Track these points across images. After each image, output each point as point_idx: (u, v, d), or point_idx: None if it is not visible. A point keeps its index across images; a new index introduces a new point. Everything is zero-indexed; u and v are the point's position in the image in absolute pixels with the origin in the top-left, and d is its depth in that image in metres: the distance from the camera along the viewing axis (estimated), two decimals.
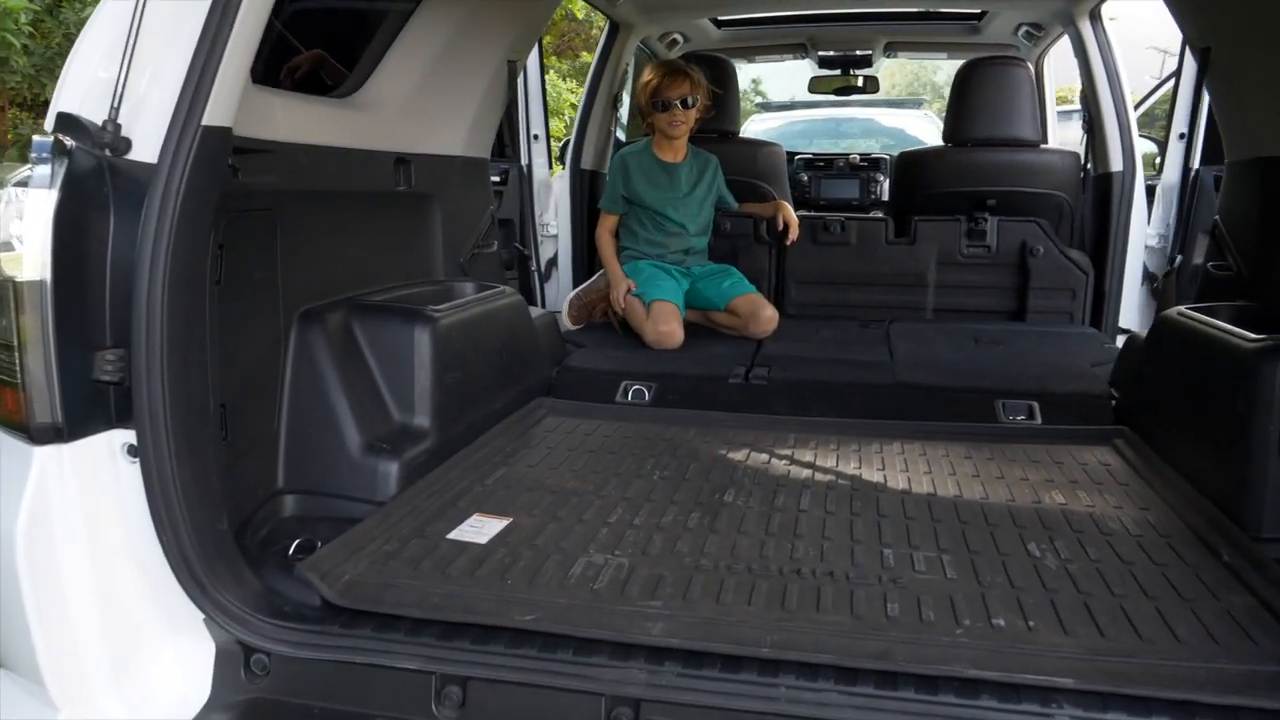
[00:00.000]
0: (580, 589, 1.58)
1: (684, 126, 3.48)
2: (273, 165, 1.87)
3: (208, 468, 1.49)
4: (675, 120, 3.44)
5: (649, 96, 3.46)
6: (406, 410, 2.09)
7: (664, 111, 3.43)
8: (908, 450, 2.35)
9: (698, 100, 3.47)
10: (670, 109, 3.42)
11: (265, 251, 1.87)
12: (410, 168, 2.43)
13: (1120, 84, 3.53)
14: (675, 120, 3.44)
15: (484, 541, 1.77)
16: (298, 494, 1.94)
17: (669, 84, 3.42)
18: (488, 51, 2.69)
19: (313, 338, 1.98)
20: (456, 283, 2.62)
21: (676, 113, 3.43)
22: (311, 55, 2.56)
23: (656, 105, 3.44)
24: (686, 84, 3.43)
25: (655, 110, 3.46)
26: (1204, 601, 1.55)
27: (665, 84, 3.42)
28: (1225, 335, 1.94)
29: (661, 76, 3.44)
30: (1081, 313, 3.56)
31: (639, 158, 3.55)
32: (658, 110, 3.45)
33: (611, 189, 3.57)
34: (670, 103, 3.42)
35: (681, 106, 3.43)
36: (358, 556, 1.67)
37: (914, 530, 1.85)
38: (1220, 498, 1.87)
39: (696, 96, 3.46)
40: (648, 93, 3.47)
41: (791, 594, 1.57)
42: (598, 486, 2.07)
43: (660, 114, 3.45)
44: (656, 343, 3.17)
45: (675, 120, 3.44)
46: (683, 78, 3.43)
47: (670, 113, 3.43)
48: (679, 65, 3.51)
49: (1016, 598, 1.56)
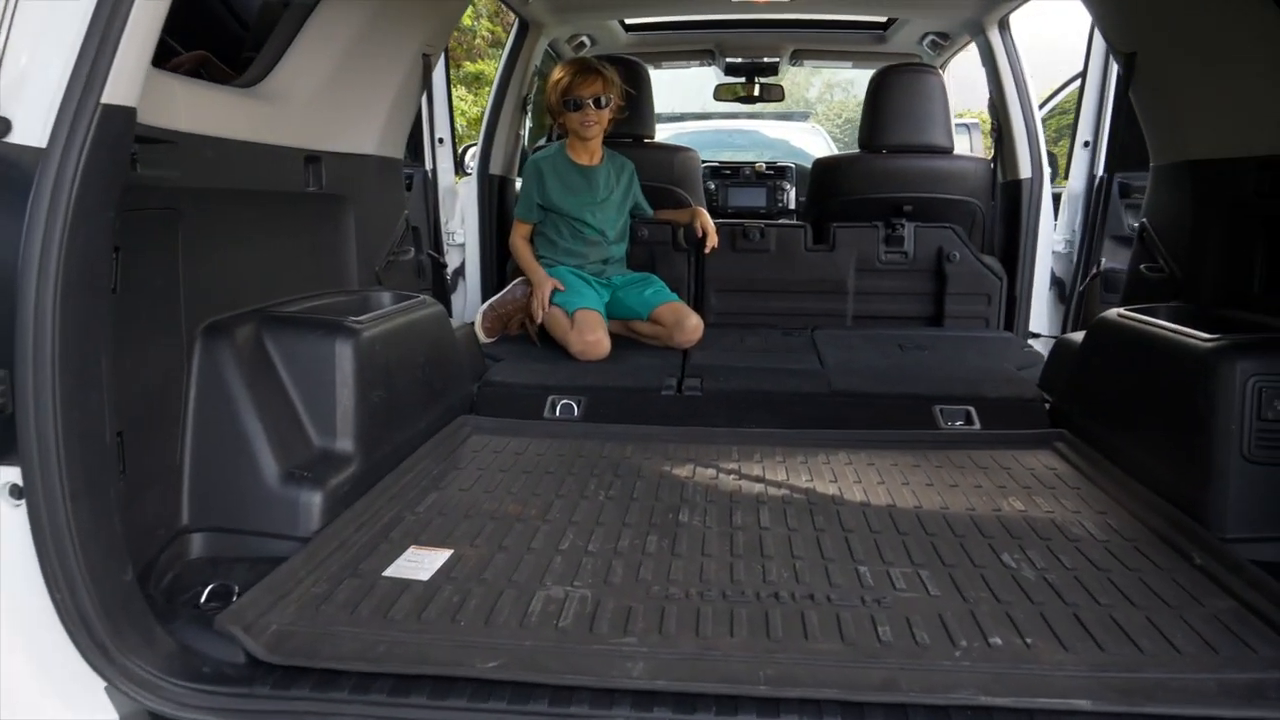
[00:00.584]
0: (544, 628, 1.43)
1: (597, 127, 3.35)
2: (174, 158, 1.64)
3: (109, 509, 1.27)
4: (588, 120, 3.31)
5: (560, 95, 3.32)
6: (328, 433, 1.89)
7: (576, 110, 3.30)
8: (854, 460, 2.28)
9: (610, 100, 3.34)
10: (583, 108, 3.29)
11: (165, 256, 1.64)
12: (321, 166, 2.22)
13: (1028, 92, 3.60)
14: (588, 120, 3.31)
15: (426, 578, 1.59)
16: (206, 532, 1.71)
17: (581, 82, 3.30)
18: (402, 44, 2.50)
19: (220, 354, 1.76)
20: (373, 292, 2.41)
21: (589, 112, 3.30)
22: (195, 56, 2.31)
23: (568, 104, 3.31)
24: (599, 82, 3.31)
25: (566, 109, 3.32)
26: (1190, 608, 1.51)
27: (577, 82, 3.29)
28: (1178, 336, 1.94)
29: (573, 74, 3.31)
30: (997, 317, 3.59)
31: (553, 162, 3.40)
32: (569, 109, 3.31)
33: (526, 196, 3.41)
34: (582, 101, 3.29)
35: (594, 105, 3.30)
36: (284, 602, 1.47)
37: (883, 545, 1.76)
38: (1180, 499, 1.85)
39: (610, 96, 3.34)
40: (558, 91, 3.33)
41: (775, 621, 1.45)
42: (541, 510, 1.91)
43: (572, 113, 3.31)
44: (583, 353, 3.03)
45: (588, 120, 3.31)
46: (595, 76, 3.31)
47: (583, 112, 3.30)
48: (591, 63, 3.39)
49: (1006, 613, 1.48)
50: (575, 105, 3.29)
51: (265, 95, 2.05)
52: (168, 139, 1.60)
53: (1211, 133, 2.21)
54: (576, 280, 3.29)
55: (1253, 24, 1.97)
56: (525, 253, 3.40)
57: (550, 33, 4.03)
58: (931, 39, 4.23)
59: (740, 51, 4.75)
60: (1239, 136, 2.11)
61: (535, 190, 3.37)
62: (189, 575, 1.63)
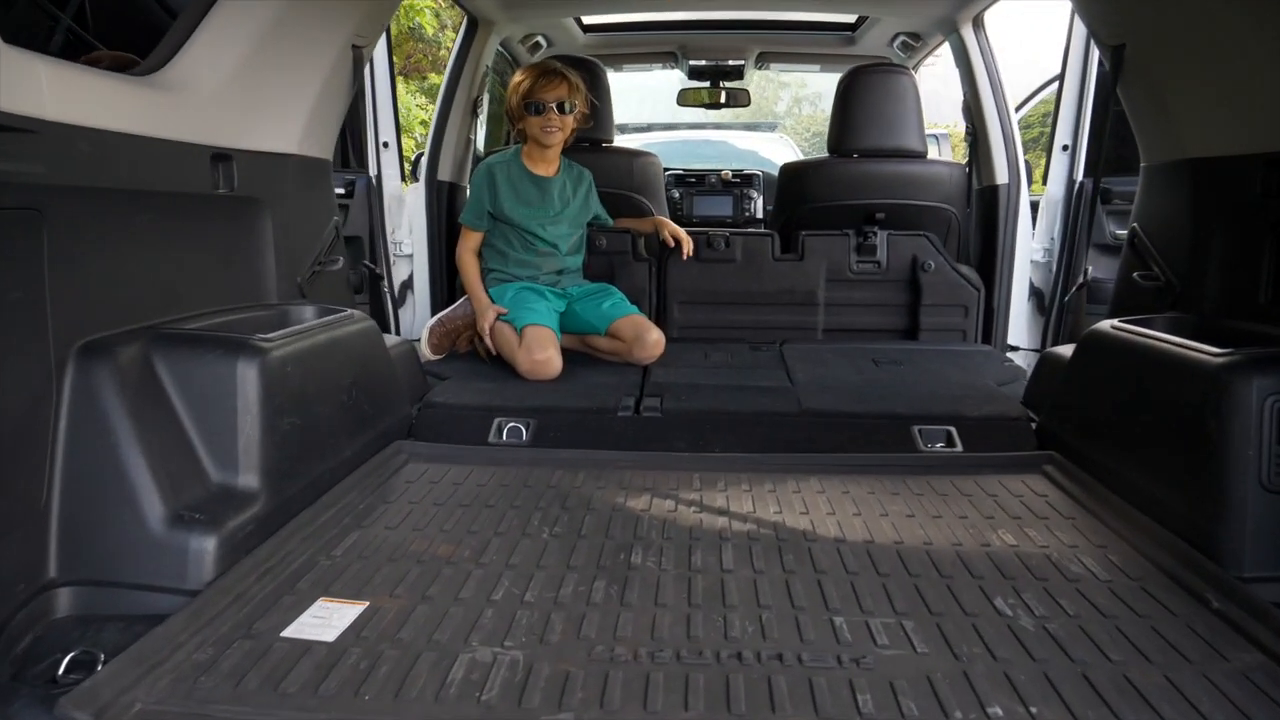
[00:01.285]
0: (464, 701, 1.20)
1: (559, 134, 3.13)
2: (37, 150, 1.41)
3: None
4: (550, 126, 3.09)
5: (521, 97, 3.10)
6: (228, 467, 1.65)
7: (537, 115, 3.09)
8: (828, 487, 2.07)
9: (575, 106, 3.14)
10: (545, 112, 3.08)
11: (26, 264, 1.40)
12: (232, 165, 1.98)
13: (1004, 94, 3.44)
14: (550, 126, 3.09)
15: (332, 639, 1.36)
16: (77, 586, 1.46)
17: (544, 85, 3.09)
18: (328, 32, 2.27)
19: (98, 378, 1.52)
20: (294, 306, 2.17)
21: (552, 117, 3.09)
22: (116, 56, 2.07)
23: (529, 107, 3.09)
24: (564, 87, 3.11)
25: (527, 113, 3.10)
26: (1212, 663, 1.31)
27: (540, 85, 3.09)
28: (1184, 350, 1.75)
29: (535, 77, 3.10)
30: (974, 330, 3.42)
31: (507, 169, 3.17)
32: (530, 113, 3.10)
33: (475, 203, 3.18)
34: (545, 105, 3.08)
35: (557, 110, 3.09)
36: (156, 674, 1.23)
37: (861, 589, 1.55)
38: (1190, 532, 1.66)
39: (574, 102, 3.13)
40: (520, 93, 3.11)
41: (737, 688, 1.23)
42: (475, 552, 1.69)
43: (533, 117, 3.09)
44: (531, 373, 2.81)
45: (550, 126, 3.09)
46: (559, 79, 3.10)
47: (545, 116, 3.08)
48: (555, 66, 3.17)
49: (1004, 673, 1.28)
50: (537, 109, 3.08)
51: (163, 85, 1.81)
52: (25, 127, 1.37)
53: (1211, 129, 2.03)
54: (527, 293, 3.07)
55: (1256, 8, 1.80)
56: (471, 270, 3.17)
57: (502, 31, 3.81)
58: (903, 40, 4.07)
59: (704, 54, 4.57)
60: (1243, 132, 1.93)
61: (486, 196, 3.15)
62: (51, 639, 1.38)
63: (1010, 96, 3.49)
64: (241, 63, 1.98)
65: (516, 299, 3.05)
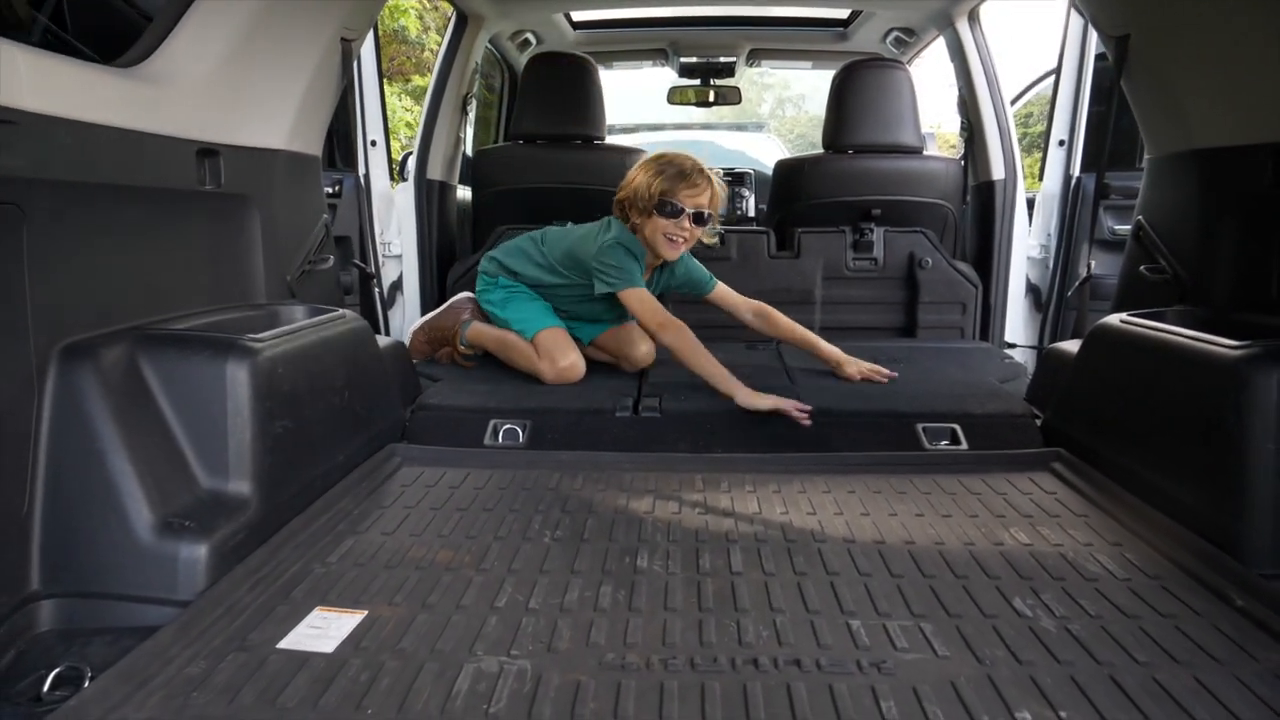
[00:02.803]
0: (471, 714, 1.15)
1: (685, 247, 2.70)
2: (16, 143, 1.35)
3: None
4: (679, 236, 2.65)
5: (656, 193, 2.62)
6: (218, 473, 1.59)
7: (671, 218, 2.63)
8: (834, 487, 2.03)
9: (711, 219, 2.70)
10: (679, 217, 2.63)
11: (4, 262, 1.34)
12: (219, 161, 1.92)
13: (999, 88, 3.41)
14: (679, 236, 2.65)
15: (330, 650, 1.30)
16: (61, 598, 1.40)
17: (687, 188, 2.62)
18: (316, 24, 2.20)
19: (82, 380, 1.46)
20: (284, 306, 2.11)
21: (685, 226, 2.64)
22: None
23: (664, 208, 2.62)
24: (708, 193, 2.66)
25: (657, 213, 2.64)
26: (1242, 664, 1.27)
27: (682, 187, 2.62)
28: (1199, 343, 1.71)
29: (678, 174, 2.63)
30: (972, 327, 3.38)
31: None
32: (661, 214, 2.63)
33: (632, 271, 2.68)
34: (681, 210, 2.62)
35: (694, 222, 2.66)
36: (145, 690, 1.17)
37: (875, 591, 1.50)
38: (1208, 529, 1.62)
39: (713, 213, 2.69)
40: (654, 188, 2.62)
41: (755, 697, 1.19)
42: (476, 557, 1.63)
43: (663, 220, 2.64)
44: (558, 380, 2.71)
45: (679, 236, 2.65)
46: (705, 184, 2.66)
47: (678, 222, 2.63)
48: (701, 167, 2.69)
49: (1030, 676, 1.24)
50: (673, 212, 2.62)
51: (147, 77, 1.75)
52: (4, 118, 1.31)
53: (1220, 119, 2.00)
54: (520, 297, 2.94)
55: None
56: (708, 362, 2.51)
57: (491, 27, 3.76)
58: (896, 35, 4.03)
59: (695, 51, 4.52)
60: (1252, 121, 1.90)
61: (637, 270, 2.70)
62: (35, 654, 1.32)
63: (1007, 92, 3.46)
64: (228, 54, 1.92)
65: (517, 301, 2.91)
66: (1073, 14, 3.32)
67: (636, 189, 2.67)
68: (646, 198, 2.64)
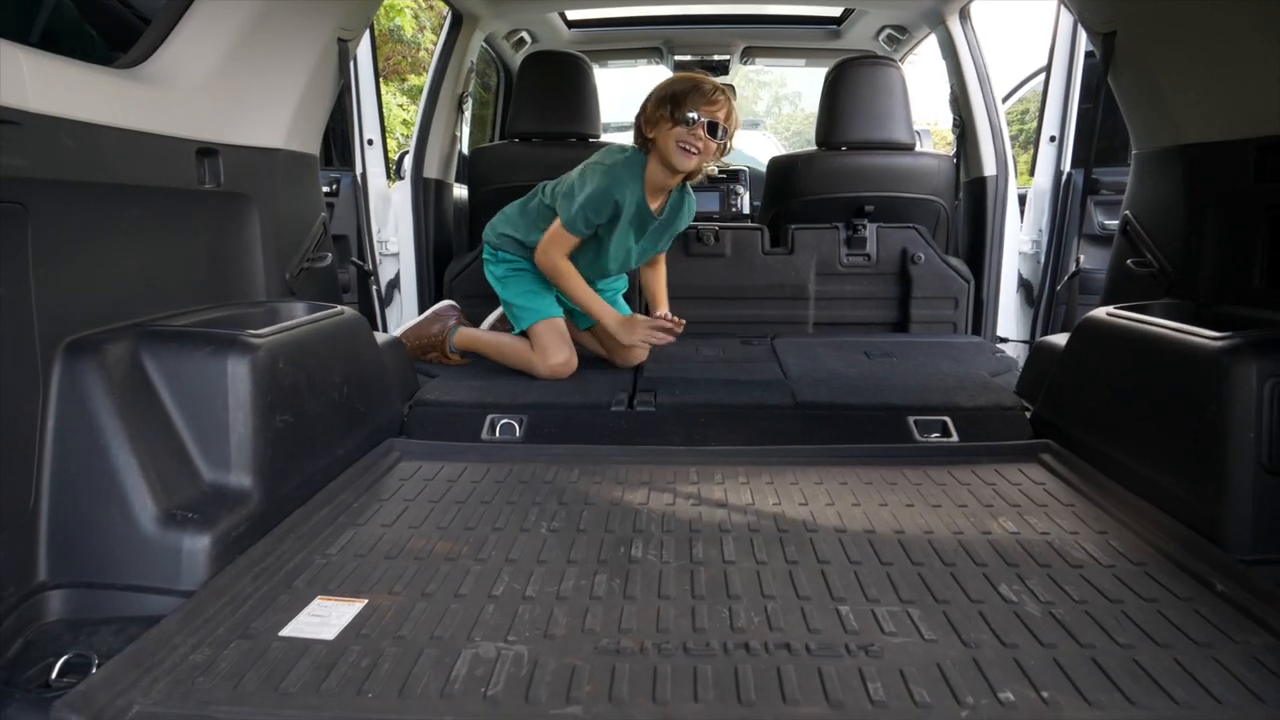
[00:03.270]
0: (469, 697, 1.18)
1: (699, 159, 2.61)
2: (20, 143, 1.38)
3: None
4: (694, 144, 2.57)
5: (668, 103, 2.58)
6: (220, 466, 1.62)
7: (685, 126, 2.56)
8: (826, 479, 2.06)
9: (727, 133, 2.62)
10: (693, 126, 2.55)
11: (9, 261, 1.37)
12: (218, 160, 1.95)
13: (990, 85, 3.44)
14: (694, 144, 2.57)
15: (332, 637, 1.33)
16: (68, 588, 1.43)
17: (700, 97, 2.57)
18: (314, 25, 2.23)
19: (85, 376, 1.49)
20: (283, 303, 2.14)
21: (699, 136, 2.56)
22: None
23: (677, 117, 2.56)
24: (726, 108, 2.61)
25: (673, 121, 2.57)
26: (1221, 646, 1.31)
27: (696, 96, 2.57)
28: (1183, 335, 1.75)
29: (694, 85, 2.59)
30: (964, 321, 3.42)
31: (637, 197, 2.70)
32: (676, 122, 2.56)
33: (593, 209, 2.66)
34: (695, 120, 2.55)
35: (709, 133, 2.57)
36: (151, 676, 1.20)
37: (865, 578, 1.54)
38: (1191, 516, 1.66)
39: (730, 128, 2.62)
40: (668, 98, 2.59)
41: (746, 679, 1.22)
42: (474, 548, 1.67)
43: (677, 128, 2.57)
44: (552, 376, 2.73)
45: (694, 144, 2.57)
46: (723, 99, 2.60)
47: (693, 130, 2.55)
48: (718, 83, 2.65)
49: (1014, 659, 1.27)
50: (688, 122, 2.56)
51: (147, 78, 1.78)
52: (8, 119, 1.34)
53: (1204, 115, 2.03)
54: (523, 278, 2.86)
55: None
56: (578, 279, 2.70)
57: (486, 27, 3.79)
58: (888, 33, 4.07)
59: (689, 49, 4.55)
60: (1236, 117, 1.93)
61: (606, 211, 2.68)
62: (43, 643, 1.35)
63: (998, 89, 3.49)
64: (227, 55, 1.94)
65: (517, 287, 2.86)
66: (1063, 12, 3.35)
67: (653, 96, 2.64)
68: (665, 105, 2.59)
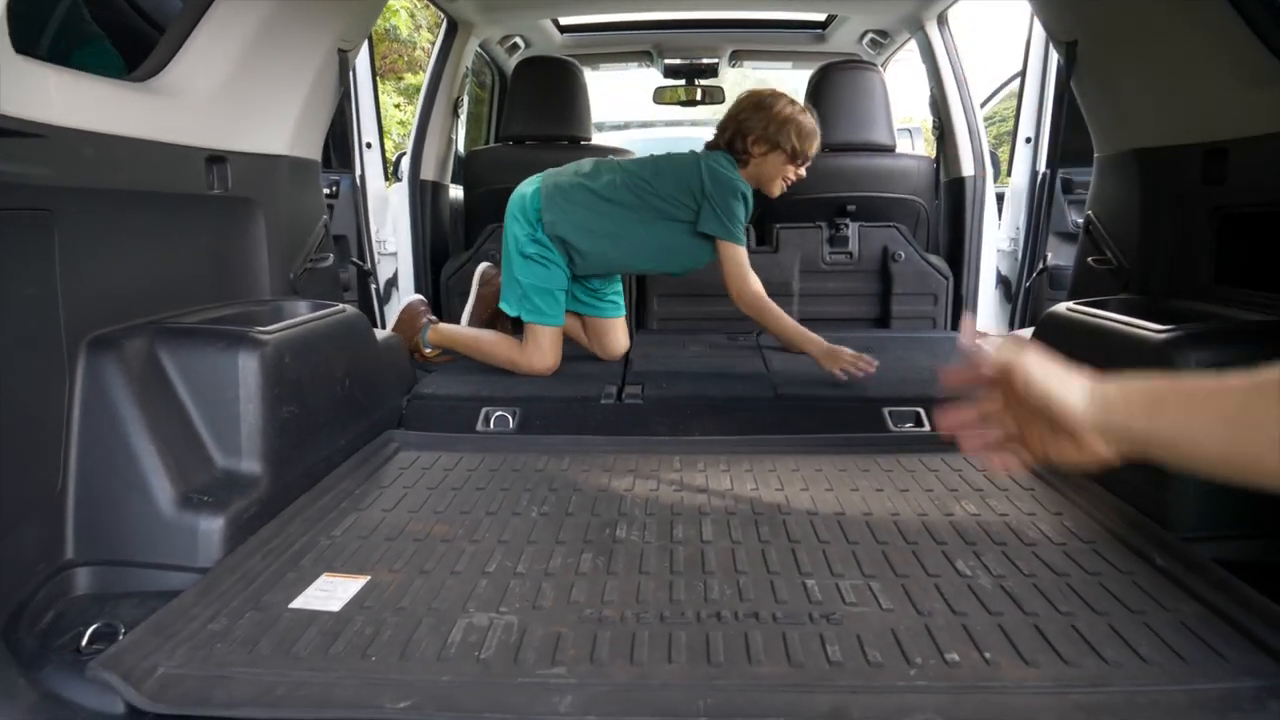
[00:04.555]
0: (464, 660, 1.30)
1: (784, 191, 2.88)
2: (46, 154, 1.49)
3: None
4: (792, 180, 2.84)
5: (797, 139, 2.73)
6: (231, 453, 1.74)
7: (799, 165, 2.79)
8: (802, 466, 2.18)
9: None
10: (800, 166, 2.81)
11: (38, 263, 1.49)
12: (226, 167, 2.06)
13: (968, 88, 3.56)
14: (792, 180, 2.84)
15: (337, 609, 1.45)
16: (93, 566, 1.55)
17: (814, 145, 2.79)
18: (315, 37, 2.35)
19: (107, 370, 1.60)
20: (287, 301, 2.26)
21: (800, 174, 2.84)
22: None
23: (799, 157, 2.77)
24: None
25: (789, 159, 2.76)
26: (1154, 613, 1.42)
27: (817, 143, 2.80)
28: (1130, 328, 1.87)
29: (813, 132, 2.78)
30: (944, 317, 3.54)
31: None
32: (794, 161, 2.77)
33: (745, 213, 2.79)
34: (809, 160, 2.80)
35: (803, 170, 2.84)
36: (174, 642, 1.32)
37: (832, 555, 1.66)
38: (1138, 499, 1.78)
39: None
40: (799, 134, 2.73)
41: (716, 643, 1.34)
42: (469, 530, 1.78)
43: (791, 165, 2.78)
44: (531, 372, 2.82)
45: (792, 180, 2.84)
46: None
47: (799, 169, 2.81)
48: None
49: (962, 625, 1.39)
50: (804, 161, 2.79)
51: (160, 90, 1.89)
52: (36, 132, 1.45)
53: (1156, 120, 2.15)
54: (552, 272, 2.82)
55: (1191, 8, 1.92)
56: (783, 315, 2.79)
57: (480, 33, 3.90)
58: (871, 37, 4.18)
59: (679, 52, 4.67)
60: (1184, 123, 2.05)
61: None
62: (72, 615, 1.47)
63: (975, 91, 3.61)
64: (234, 67, 2.06)
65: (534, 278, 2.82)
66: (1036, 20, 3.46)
67: (784, 125, 2.72)
68: (791, 139, 2.72)
